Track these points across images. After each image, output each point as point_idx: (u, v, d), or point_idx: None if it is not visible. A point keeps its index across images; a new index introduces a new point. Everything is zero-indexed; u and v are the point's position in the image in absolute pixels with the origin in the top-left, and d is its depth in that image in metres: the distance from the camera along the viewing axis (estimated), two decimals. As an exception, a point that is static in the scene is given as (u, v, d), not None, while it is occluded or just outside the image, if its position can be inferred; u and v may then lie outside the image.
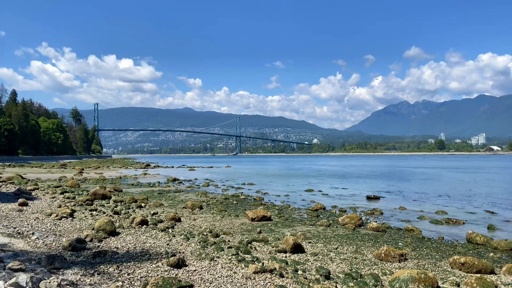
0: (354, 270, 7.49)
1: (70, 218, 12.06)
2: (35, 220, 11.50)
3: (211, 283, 6.27)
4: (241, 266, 7.27)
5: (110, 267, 6.79)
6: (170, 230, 10.99)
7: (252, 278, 6.59)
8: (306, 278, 6.81)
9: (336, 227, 12.53)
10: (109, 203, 16.69)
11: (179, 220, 12.73)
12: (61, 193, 19.59)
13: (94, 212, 13.62)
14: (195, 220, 13.18)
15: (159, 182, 31.11)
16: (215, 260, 7.65)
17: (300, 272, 7.15)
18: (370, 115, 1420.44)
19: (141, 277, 6.31)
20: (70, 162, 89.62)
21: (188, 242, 9.40)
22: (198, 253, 8.24)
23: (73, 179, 28.43)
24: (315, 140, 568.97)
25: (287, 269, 7.31)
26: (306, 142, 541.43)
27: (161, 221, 12.22)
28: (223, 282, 6.36)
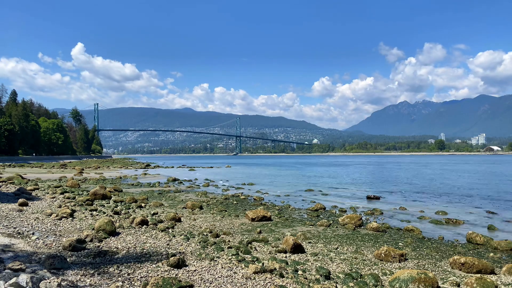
0: (354, 270, 7.49)
1: (70, 218, 12.06)
2: (35, 220, 11.50)
3: (211, 283, 6.27)
4: (241, 266, 7.27)
5: (110, 267, 6.79)
6: (170, 230, 10.99)
7: (252, 278, 6.59)
8: (306, 278, 6.81)
9: (336, 227, 12.53)
10: (109, 203, 16.69)
11: (179, 220, 12.73)
12: (61, 193, 19.60)
13: (94, 212, 13.63)
14: (195, 220, 13.18)
15: (159, 182, 31.11)
16: (215, 260, 7.65)
17: (300, 272, 7.15)
18: (370, 115, 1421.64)
19: (141, 277, 6.31)
20: (70, 162, 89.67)
21: (188, 242, 9.40)
22: (198, 253, 8.24)
23: (73, 179, 28.43)
24: (315, 140, 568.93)
25: (287, 269, 7.31)
26: (306, 142, 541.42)
27: (161, 221, 12.22)
28: (223, 282, 6.36)
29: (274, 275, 6.81)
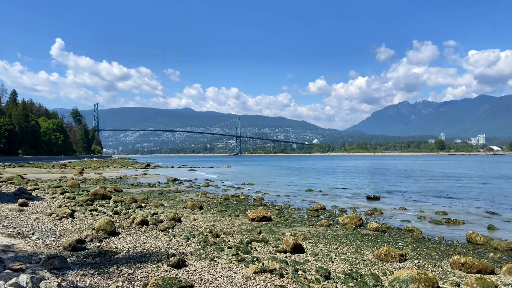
0: (354, 270, 7.49)
1: (70, 218, 12.06)
2: (35, 220, 11.50)
3: (211, 283, 6.27)
4: (241, 266, 7.27)
5: (110, 267, 6.79)
6: (170, 230, 10.99)
7: (252, 278, 6.59)
8: (306, 278, 6.81)
9: (336, 227, 12.53)
10: (109, 203, 16.69)
11: (179, 220, 12.73)
12: (61, 193, 19.60)
13: (94, 212, 13.63)
14: (195, 220, 13.18)
15: (159, 182, 31.11)
16: (215, 260, 7.65)
17: (300, 272, 7.15)
18: (370, 115, 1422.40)
19: (141, 277, 6.31)
20: (70, 162, 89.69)
21: (188, 242, 9.40)
22: (198, 253, 8.24)
23: (73, 179, 28.43)
24: (315, 140, 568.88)
25: (287, 269, 7.31)
26: (306, 142, 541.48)
27: (161, 221, 12.22)
28: (223, 282, 6.36)
29: (274, 275, 6.81)
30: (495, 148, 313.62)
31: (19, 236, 9.12)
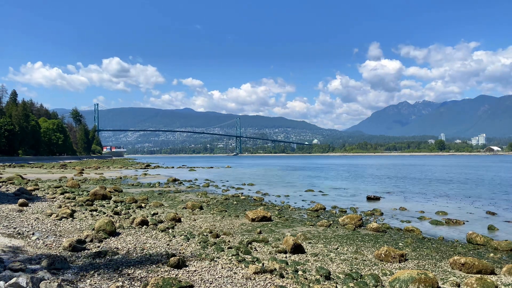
0: (354, 270, 7.49)
1: (70, 219, 12.06)
2: (35, 220, 11.50)
3: (211, 283, 6.27)
4: (241, 267, 7.27)
5: (110, 267, 6.80)
6: (170, 230, 10.99)
7: (252, 278, 6.59)
8: (306, 279, 6.81)
9: (336, 227, 12.53)
10: (109, 203, 16.69)
11: (179, 220, 12.73)
12: (62, 194, 19.60)
13: (94, 213, 13.62)
14: (195, 220, 13.18)
15: (159, 183, 31.11)
16: (215, 261, 7.65)
17: (300, 272, 7.15)
18: (370, 115, 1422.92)
19: (141, 277, 6.31)
20: (71, 162, 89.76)
21: (188, 242, 9.40)
22: (198, 253, 8.24)
23: (73, 179, 28.43)
24: (315, 141, 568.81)
25: (287, 269, 7.31)
26: (306, 143, 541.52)
27: (161, 222, 12.23)
28: (223, 282, 6.36)
29: (274, 275, 6.81)
30: (495, 148, 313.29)
31: (19, 237, 9.12)
